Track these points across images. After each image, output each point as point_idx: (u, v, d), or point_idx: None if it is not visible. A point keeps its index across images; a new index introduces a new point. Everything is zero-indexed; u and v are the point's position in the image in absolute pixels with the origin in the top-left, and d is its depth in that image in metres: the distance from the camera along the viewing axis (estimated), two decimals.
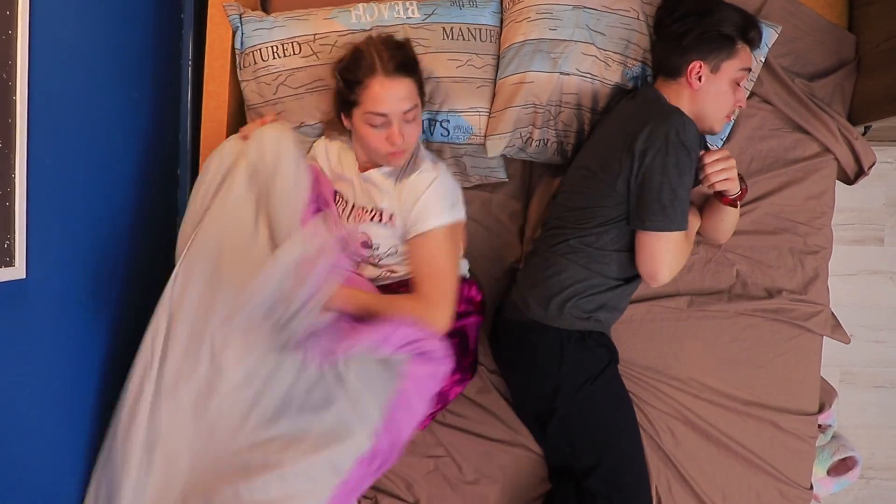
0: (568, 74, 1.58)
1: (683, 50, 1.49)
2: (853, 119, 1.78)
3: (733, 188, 1.50)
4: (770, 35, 1.65)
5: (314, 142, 1.62)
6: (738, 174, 1.52)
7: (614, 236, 1.48)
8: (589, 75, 1.59)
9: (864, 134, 1.81)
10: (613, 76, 1.60)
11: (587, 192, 1.50)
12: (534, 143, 1.64)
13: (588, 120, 1.63)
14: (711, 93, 1.49)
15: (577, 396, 1.49)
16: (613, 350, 1.58)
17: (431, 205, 1.42)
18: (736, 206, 1.56)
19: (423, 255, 1.44)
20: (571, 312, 1.50)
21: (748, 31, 1.50)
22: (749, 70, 1.53)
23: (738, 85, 1.51)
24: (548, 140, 1.64)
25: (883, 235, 2.13)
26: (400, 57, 1.40)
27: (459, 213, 1.47)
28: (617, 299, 1.54)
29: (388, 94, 1.37)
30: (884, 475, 2.19)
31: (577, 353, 1.49)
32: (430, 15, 1.62)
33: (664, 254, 1.43)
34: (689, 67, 1.48)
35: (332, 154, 1.58)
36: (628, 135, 1.42)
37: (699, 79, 1.48)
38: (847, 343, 1.74)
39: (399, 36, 1.52)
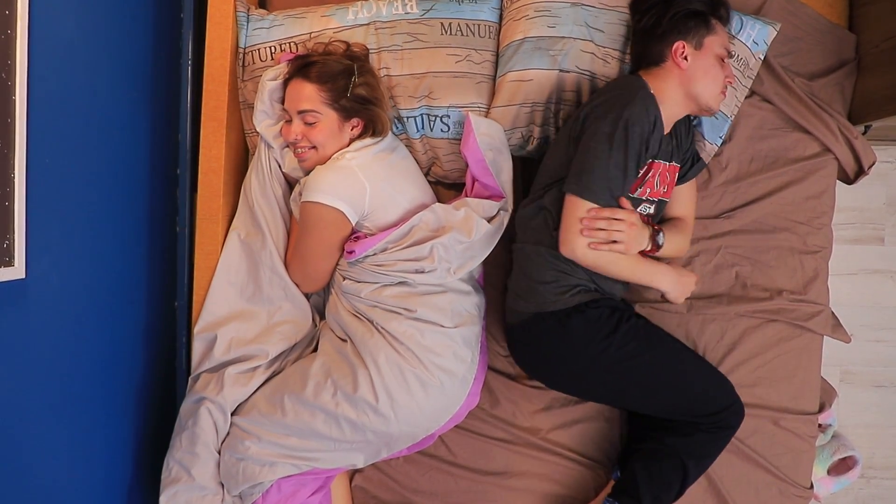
0: (567, 71, 1.58)
1: (662, 35, 1.49)
2: (853, 118, 1.77)
3: (627, 249, 1.44)
4: (769, 33, 1.65)
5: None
6: (656, 227, 1.52)
7: None
8: (588, 72, 1.59)
9: (864, 133, 1.80)
10: (612, 72, 1.60)
11: (550, 161, 1.54)
12: (534, 141, 1.64)
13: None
14: (700, 69, 1.49)
15: (605, 361, 1.48)
16: (619, 307, 1.52)
17: (312, 176, 1.50)
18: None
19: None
20: (555, 291, 1.48)
21: (717, 7, 1.51)
22: (728, 51, 1.54)
23: (724, 62, 1.51)
24: (549, 138, 1.64)
25: (883, 235, 2.13)
26: (314, 63, 1.51)
27: (328, 198, 1.46)
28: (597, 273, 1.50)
29: (291, 92, 1.54)
30: (884, 474, 2.19)
31: (580, 325, 1.47)
32: (428, 10, 1.62)
33: (574, 221, 1.41)
34: (673, 49, 1.49)
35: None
36: (590, 100, 1.46)
37: (685, 58, 1.49)
38: (848, 342, 1.74)
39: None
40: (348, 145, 1.54)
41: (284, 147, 1.61)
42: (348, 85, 1.50)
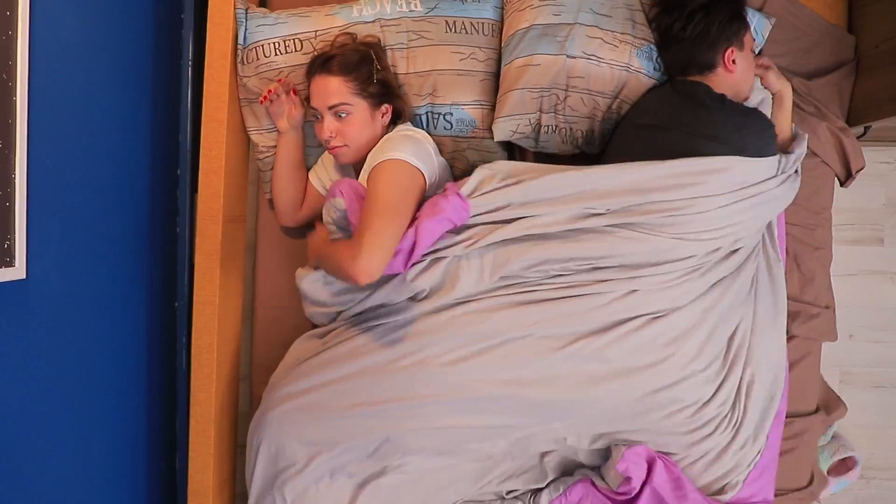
0: (574, 57, 1.57)
1: (712, 44, 1.51)
2: (853, 119, 1.77)
3: None
4: (765, 25, 1.66)
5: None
6: None
7: None
8: (595, 58, 1.58)
9: (864, 134, 1.80)
10: (622, 57, 1.59)
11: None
12: (542, 130, 1.62)
13: (602, 105, 1.60)
14: (745, 68, 1.55)
15: None
16: None
17: (377, 150, 1.46)
18: None
19: (367, 193, 1.40)
20: None
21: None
22: (753, 38, 1.59)
23: (753, 51, 1.57)
24: (556, 126, 1.62)
25: (883, 235, 2.13)
26: (333, 56, 1.50)
27: (411, 158, 1.41)
28: None
29: (316, 90, 1.51)
30: (884, 475, 2.19)
31: None
32: (432, 9, 1.63)
33: None
34: (725, 56, 1.52)
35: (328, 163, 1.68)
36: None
37: (733, 62, 1.52)
38: (833, 341, 1.74)
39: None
40: (381, 134, 1.53)
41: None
42: (371, 71, 1.50)
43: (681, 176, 1.41)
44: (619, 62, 1.59)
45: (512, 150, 1.73)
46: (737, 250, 1.50)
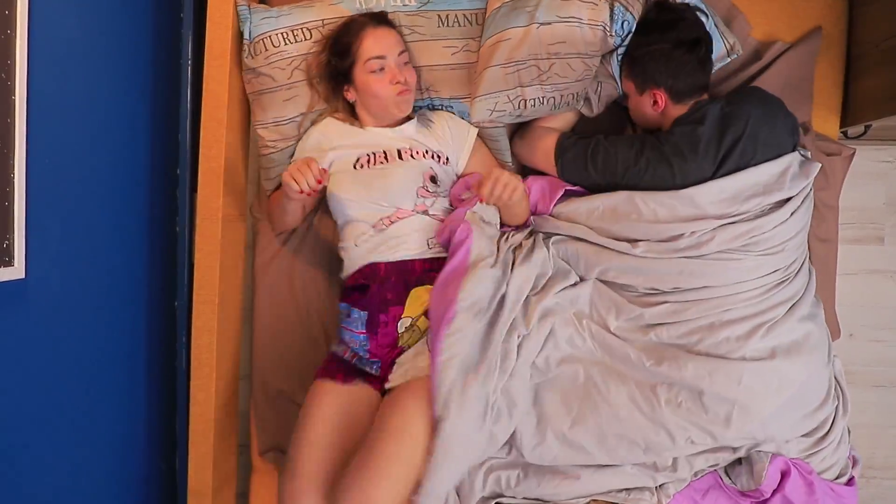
0: (548, 24, 1.52)
1: (709, 71, 1.57)
2: (853, 118, 1.77)
3: None
4: (719, 53, 1.64)
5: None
6: None
7: None
8: (574, 19, 1.52)
9: (864, 133, 1.80)
10: (601, 15, 1.52)
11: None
12: (528, 104, 1.58)
13: (592, 66, 1.55)
14: None
15: None
16: None
17: (459, 120, 1.63)
18: None
19: (482, 157, 1.66)
20: None
21: None
22: None
23: None
24: (543, 98, 1.58)
25: (883, 235, 2.13)
26: (382, 16, 1.58)
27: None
28: None
29: (381, 40, 1.53)
30: (884, 474, 2.18)
31: None
32: (426, 3, 1.62)
33: None
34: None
35: (331, 128, 1.63)
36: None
37: None
38: (835, 339, 1.74)
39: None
40: None
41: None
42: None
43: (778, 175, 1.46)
44: (599, 21, 1.52)
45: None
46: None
